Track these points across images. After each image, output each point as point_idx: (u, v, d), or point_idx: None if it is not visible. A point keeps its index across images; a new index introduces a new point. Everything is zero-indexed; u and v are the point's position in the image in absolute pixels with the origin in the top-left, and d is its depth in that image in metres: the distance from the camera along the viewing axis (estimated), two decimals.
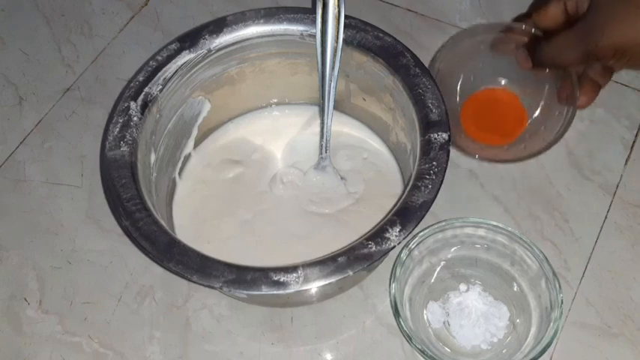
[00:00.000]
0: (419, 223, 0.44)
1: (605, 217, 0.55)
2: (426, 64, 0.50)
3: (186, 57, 0.51)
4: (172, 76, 0.50)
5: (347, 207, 0.54)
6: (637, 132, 0.59)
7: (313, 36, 0.51)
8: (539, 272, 0.49)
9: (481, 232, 0.50)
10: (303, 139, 0.58)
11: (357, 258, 0.42)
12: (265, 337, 0.51)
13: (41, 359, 0.51)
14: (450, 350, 0.49)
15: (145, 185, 0.47)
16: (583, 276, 0.53)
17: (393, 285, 0.48)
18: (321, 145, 0.53)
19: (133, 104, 0.49)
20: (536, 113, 0.58)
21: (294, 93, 0.58)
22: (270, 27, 0.52)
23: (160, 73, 0.50)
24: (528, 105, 0.59)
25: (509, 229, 0.50)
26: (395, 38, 0.51)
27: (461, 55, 0.58)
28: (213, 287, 0.43)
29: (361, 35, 0.51)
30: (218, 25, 0.52)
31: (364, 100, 0.56)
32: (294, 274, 0.42)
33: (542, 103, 0.58)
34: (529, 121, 0.58)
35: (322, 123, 0.52)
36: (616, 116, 0.59)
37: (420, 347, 0.46)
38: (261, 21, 0.52)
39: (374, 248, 0.42)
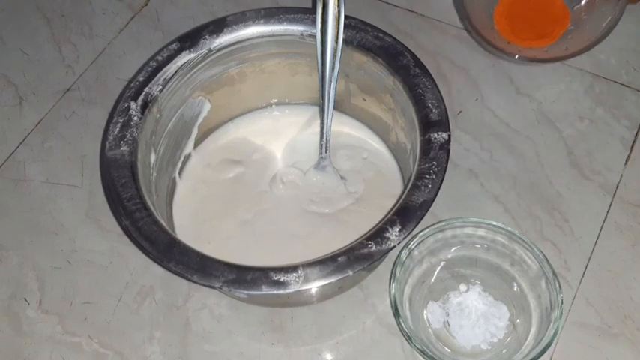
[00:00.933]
0: (419, 222, 0.44)
1: (605, 217, 0.55)
2: (426, 65, 0.50)
3: (186, 57, 0.51)
4: (172, 76, 0.50)
5: (347, 207, 0.54)
6: (637, 132, 0.59)
7: (313, 36, 0.51)
8: (539, 272, 0.49)
9: (481, 232, 0.50)
10: (303, 139, 0.58)
11: (357, 258, 0.42)
12: (265, 337, 0.51)
13: (41, 359, 0.51)
14: (450, 350, 0.49)
15: (145, 185, 0.47)
16: (583, 276, 0.53)
17: (393, 285, 0.48)
18: (321, 145, 0.53)
19: (133, 104, 0.49)
20: (580, 11, 0.53)
21: (294, 93, 0.58)
22: (270, 27, 0.52)
23: (160, 73, 0.50)
24: (570, 2, 0.54)
25: (509, 229, 0.50)
26: (395, 38, 0.51)
27: None
28: (213, 287, 0.43)
29: (361, 35, 0.51)
30: (218, 25, 0.52)
31: (364, 100, 0.56)
32: (294, 274, 0.42)
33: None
34: (571, 20, 0.53)
35: (322, 123, 0.52)
36: (616, 116, 0.59)
37: (420, 347, 0.46)
38: (261, 21, 0.52)
39: (374, 248, 0.42)
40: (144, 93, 0.49)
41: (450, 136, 0.46)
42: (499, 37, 0.55)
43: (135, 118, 0.48)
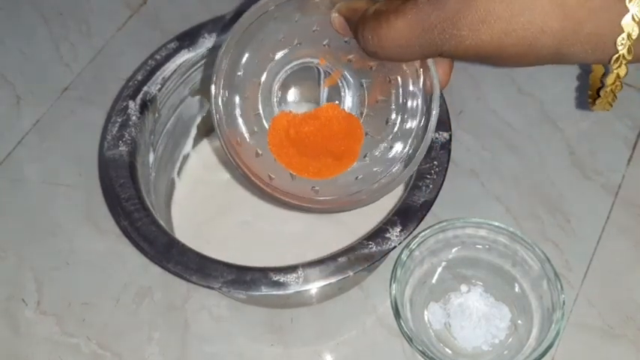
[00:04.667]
0: (420, 223, 0.43)
1: (608, 218, 0.55)
2: None
3: (185, 56, 0.50)
4: (171, 75, 0.50)
5: None
6: (639, 132, 0.59)
7: None
8: (541, 273, 0.48)
9: (482, 232, 0.50)
10: None
11: (357, 258, 0.42)
12: (265, 338, 0.51)
13: None
14: (451, 352, 0.49)
15: (143, 185, 0.47)
16: (585, 276, 0.52)
17: (394, 286, 0.48)
18: None
19: (131, 103, 0.48)
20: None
21: None
22: None
23: (158, 72, 0.50)
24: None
25: (511, 229, 0.49)
26: None
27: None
28: (212, 288, 0.43)
29: None
30: (217, 24, 0.51)
31: None
32: (294, 275, 0.41)
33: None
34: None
35: None
36: (618, 116, 0.59)
37: (420, 349, 0.46)
38: None
39: (374, 248, 0.42)
40: (142, 92, 0.49)
41: (451, 135, 0.46)
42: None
43: (133, 118, 0.48)
